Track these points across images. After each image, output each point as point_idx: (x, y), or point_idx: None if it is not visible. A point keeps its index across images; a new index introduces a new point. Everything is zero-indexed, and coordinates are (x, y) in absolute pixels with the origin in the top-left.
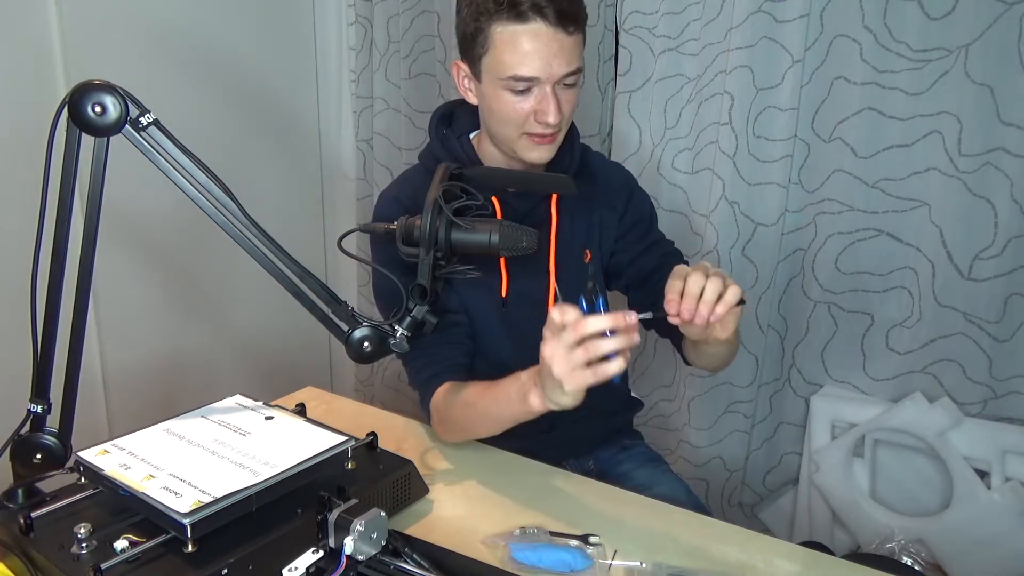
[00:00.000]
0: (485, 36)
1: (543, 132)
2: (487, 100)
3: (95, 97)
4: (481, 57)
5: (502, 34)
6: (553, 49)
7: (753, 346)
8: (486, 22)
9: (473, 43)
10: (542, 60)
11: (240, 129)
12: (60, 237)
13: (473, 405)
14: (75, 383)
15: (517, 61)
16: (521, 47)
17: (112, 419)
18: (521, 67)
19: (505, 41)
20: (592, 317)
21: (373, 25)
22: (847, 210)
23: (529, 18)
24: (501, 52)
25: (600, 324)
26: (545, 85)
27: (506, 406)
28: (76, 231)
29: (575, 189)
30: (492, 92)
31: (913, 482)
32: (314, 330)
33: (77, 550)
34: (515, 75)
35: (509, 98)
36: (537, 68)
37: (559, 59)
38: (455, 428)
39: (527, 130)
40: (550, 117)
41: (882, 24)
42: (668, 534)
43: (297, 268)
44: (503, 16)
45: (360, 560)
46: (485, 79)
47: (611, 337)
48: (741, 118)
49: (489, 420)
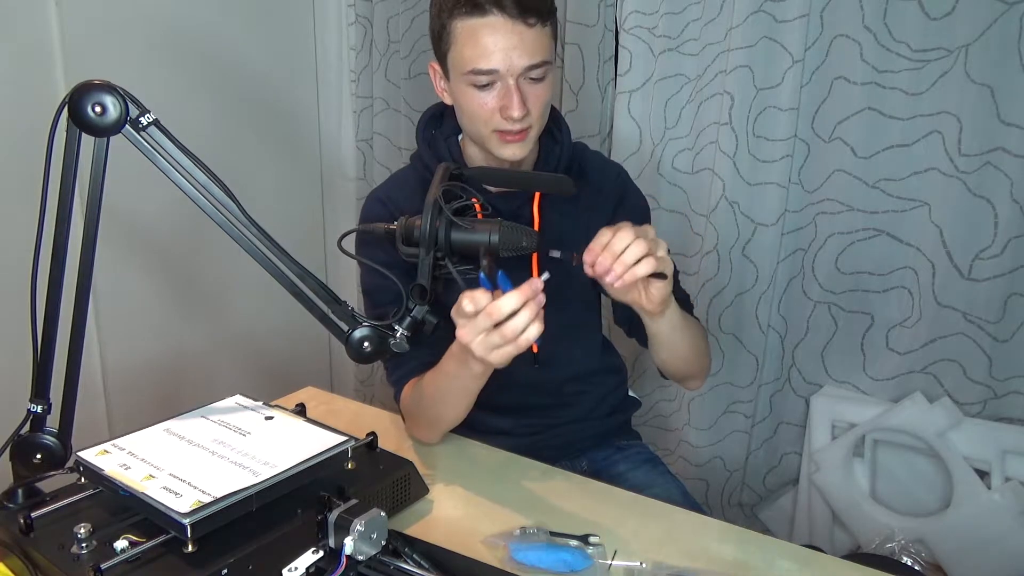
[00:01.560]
0: (448, 32)
1: (511, 128)
2: (456, 98)
3: (95, 97)
4: (447, 54)
5: (463, 29)
6: (513, 41)
7: (753, 346)
8: (448, 19)
9: (440, 41)
10: (501, 52)
11: (240, 129)
12: (60, 237)
13: (430, 392)
14: (75, 383)
15: (477, 55)
16: (480, 40)
17: (112, 419)
18: (480, 60)
19: (466, 36)
20: (502, 299)
21: (373, 25)
22: (847, 210)
23: (487, 11)
24: (463, 47)
25: (511, 304)
26: (507, 78)
27: (455, 379)
28: (76, 231)
29: (574, 189)
30: (459, 89)
31: (913, 482)
32: (314, 330)
33: (77, 550)
34: (475, 69)
35: (473, 93)
36: (496, 61)
37: (519, 51)
38: (422, 422)
39: (496, 127)
40: (514, 111)
41: (882, 24)
42: (668, 534)
43: (297, 268)
44: (462, 11)
45: (360, 560)
46: (452, 76)
47: (522, 309)
48: (741, 118)
49: (449, 397)
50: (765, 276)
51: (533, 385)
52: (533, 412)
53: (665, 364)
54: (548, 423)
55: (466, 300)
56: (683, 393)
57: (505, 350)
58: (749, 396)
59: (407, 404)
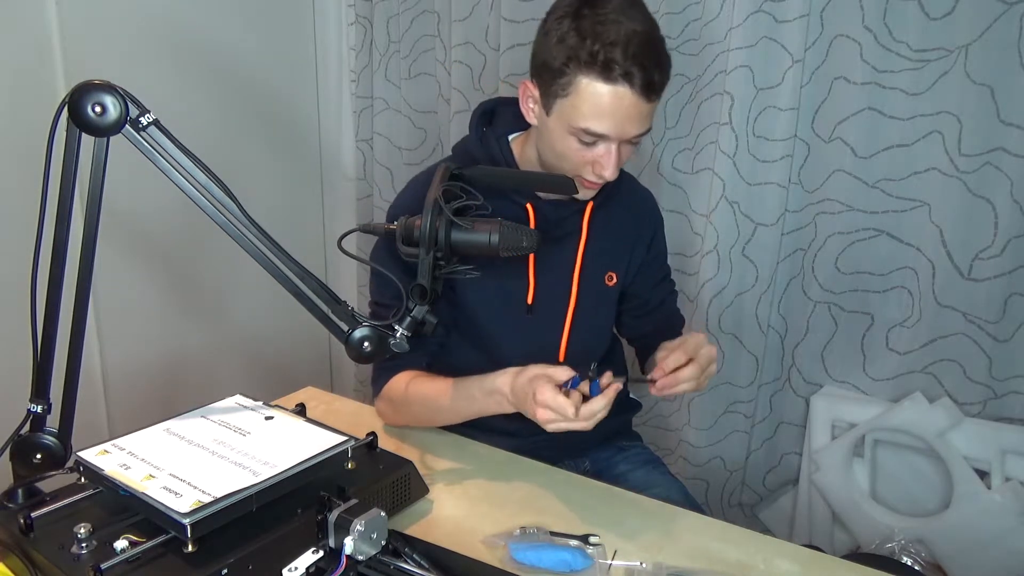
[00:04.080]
0: (569, 81)
1: (596, 181)
2: (550, 134)
3: (95, 97)
4: (558, 97)
5: (587, 87)
6: (631, 114)
7: (753, 346)
8: (575, 69)
9: (553, 81)
10: (618, 122)
11: (240, 129)
12: (60, 237)
13: (437, 400)
14: (75, 383)
15: (594, 117)
16: (602, 105)
17: (112, 419)
18: (594, 123)
19: (588, 94)
20: (595, 405)
21: (373, 25)
22: (847, 210)
23: (617, 81)
24: (581, 103)
25: (600, 412)
26: (612, 143)
27: (475, 404)
28: (76, 231)
29: (575, 190)
30: (559, 132)
31: (913, 482)
32: (314, 330)
33: (77, 550)
34: (587, 128)
35: (574, 144)
36: (610, 128)
37: (634, 123)
38: (408, 415)
39: (581, 174)
40: (607, 173)
41: (882, 24)
42: (668, 534)
43: (297, 268)
44: (594, 71)
45: (360, 560)
46: (555, 117)
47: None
48: (741, 118)
49: (457, 415)
50: (765, 276)
51: None
52: None
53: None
54: None
55: (570, 409)
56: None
57: (573, 427)
58: (749, 396)
59: (398, 393)
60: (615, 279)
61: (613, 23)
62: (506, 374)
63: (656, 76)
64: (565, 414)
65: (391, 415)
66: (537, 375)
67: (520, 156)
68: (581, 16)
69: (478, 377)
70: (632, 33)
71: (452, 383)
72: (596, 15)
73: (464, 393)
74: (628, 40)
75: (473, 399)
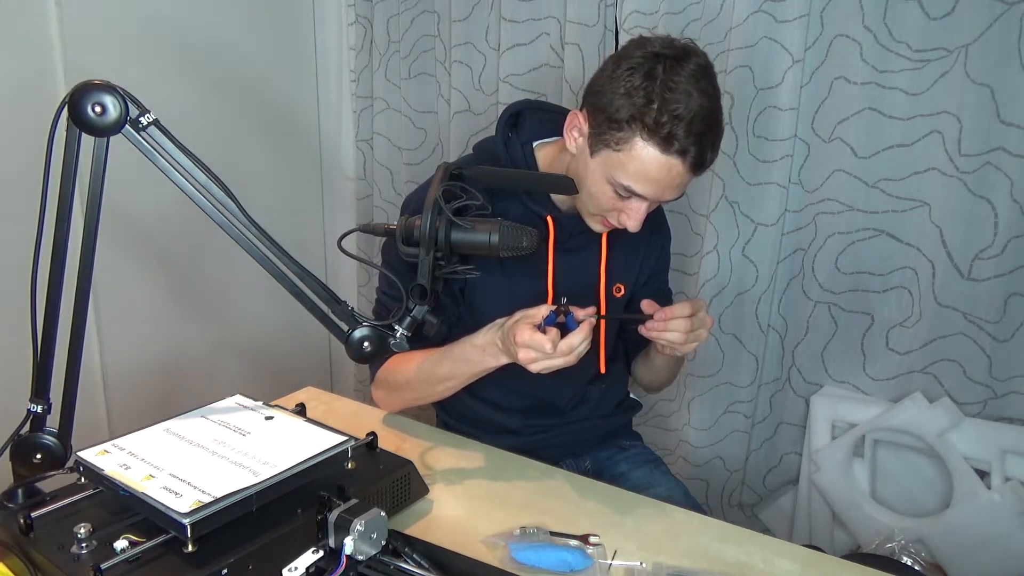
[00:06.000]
0: (625, 138)
1: (616, 226)
2: (589, 174)
3: (95, 97)
4: (609, 147)
5: (642, 149)
6: (676, 183)
7: (753, 346)
8: (635, 129)
9: (608, 130)
10: (660, 189)
11: (240, 129)
12: (60, 237)
13: (433, 369)
14: (75, 383)
15: (639, 178)
16: (650, 171)
17: (112, 419)
18: (638, 184)
19: (641, 156)
20: (574, 338)
21: (373, 25)
22: (847, 210)
23: (672, 152)
24: (631, 161)
25: (583, 344)
26: (646, 202)
27: (468, 366)
28: (76, 231)
29: (576, 189)
30: (598, 176)
31: (913, 482)
32: (314, 330)
33: (77, 550)
34: (629, 187)
35: (609, 192)
36: (651, 192)
37: (674, 191)
38: (406, 393)
39: (605, 216)
40: (631, 225)
41: (882, 24)
42: (668, 534)
43: (297, 268)
44: (654, 139)
45: (360, 560)
46: (599, 161)
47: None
48: (741, 118)
49: (454, 379)
50: (765, 276)
51: (554, 388)
52: (547, 411)
53: (640, 377)
54: (556, 422)
55: (546, 342)
56: (683, 393)
57: (554, 363)
58: (749, 396)
59: (389, 374)
60: (623, 290)
61: (684, 93)
62: (494, 325)
63: (709, 155)
64: (543, 349)
65: (388, 399)
66: (517, 319)
67: (543, 166)
68: (653, 76)
69: (468, 336)
70: (699, 109)
71: (443, 350)
72: (669, 80)
73: (460, 355)
74: (694, 117)
75: (469, 359)
